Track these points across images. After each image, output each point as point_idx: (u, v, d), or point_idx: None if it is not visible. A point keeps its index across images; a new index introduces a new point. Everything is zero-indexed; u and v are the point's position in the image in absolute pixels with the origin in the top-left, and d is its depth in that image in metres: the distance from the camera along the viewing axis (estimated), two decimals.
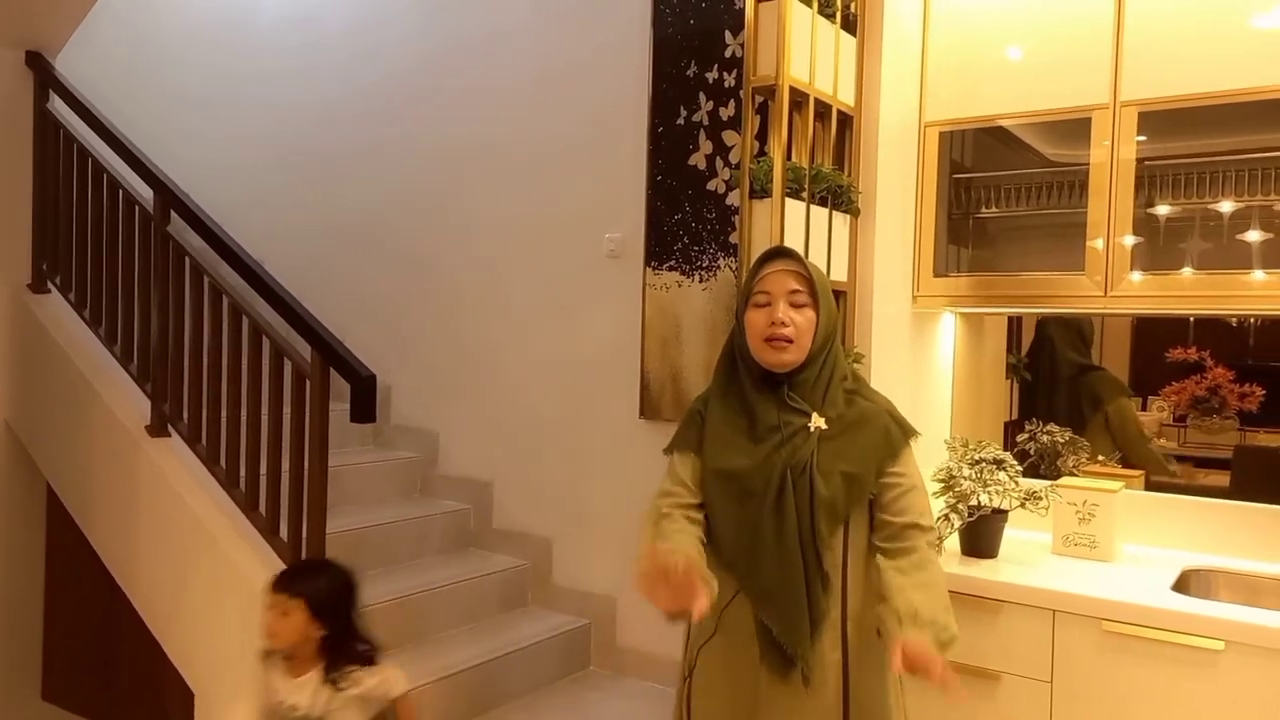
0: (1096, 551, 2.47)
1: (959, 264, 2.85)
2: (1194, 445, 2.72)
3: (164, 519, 2.92)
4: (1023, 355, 3.01)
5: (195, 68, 4.71)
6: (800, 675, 1.70)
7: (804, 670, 1.70)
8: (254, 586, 2.63)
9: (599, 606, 3.39)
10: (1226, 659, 2.00)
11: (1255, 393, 2.64)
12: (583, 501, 3.46)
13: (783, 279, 1.76)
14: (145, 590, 3.01)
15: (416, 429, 3.93)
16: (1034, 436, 2.80)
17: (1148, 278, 2.46)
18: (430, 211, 3.91)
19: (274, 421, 2.71)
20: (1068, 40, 2.55)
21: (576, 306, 3.47)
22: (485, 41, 3.71)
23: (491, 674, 3.02)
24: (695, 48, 3.09)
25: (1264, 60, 2.32)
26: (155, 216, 3.04)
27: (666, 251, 3.15)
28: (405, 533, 3.45)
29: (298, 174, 4.34)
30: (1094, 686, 2.14)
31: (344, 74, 4.17)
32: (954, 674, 1.57)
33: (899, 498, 1.74)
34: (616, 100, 3.32)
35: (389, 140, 4.03)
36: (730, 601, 1.76)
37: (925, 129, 2.75)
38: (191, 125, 4.67)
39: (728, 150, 3.04)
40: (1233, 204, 2.46)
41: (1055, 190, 2.69)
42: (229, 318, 2.84)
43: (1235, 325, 2.70)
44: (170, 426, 3.02)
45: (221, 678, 2.76)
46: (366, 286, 4.11)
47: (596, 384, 3.40)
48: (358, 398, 2.57)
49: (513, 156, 3.64)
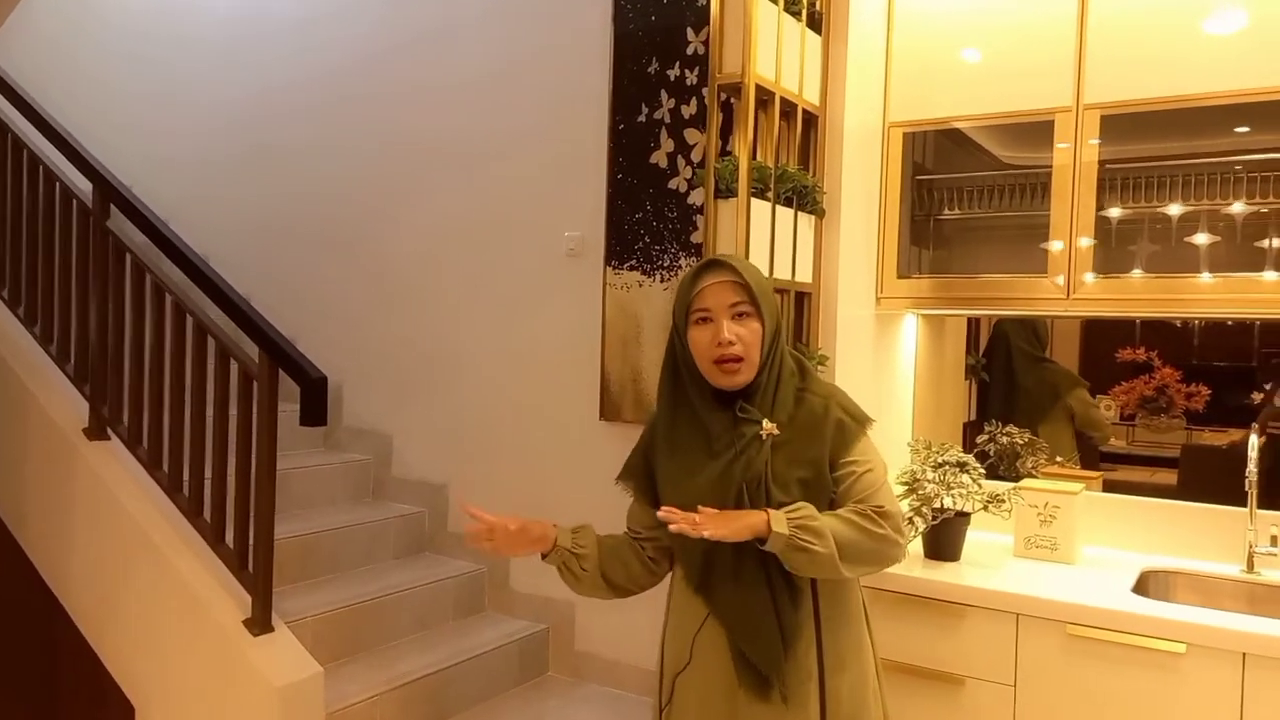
0: (1058, 554, 2.47)
1: (921, 265, 2.85)
2: (1142, 444, 2.76)
3: (102, 526, 2.81)
4: (981, 356, 3.02)
5: (138, 60, 4.57)
6: (779, 694, 1.66)
7: (781, 690, 1.66)
8: (197, 596, 2.54)
9: (558, 611, 3.34)
10: (1188, 661, 2.01)
11: (1201, 392, 2.68)
12: (542, 505, 3.37)
13: (721, 292, 1.69)
14: (82, 600, 2.89)
15: (369, 431, 3.84)
16: (993, 438, 2.81)
17: (1108, 280, 2.47)
18: (384, 208, 3.82)
19: (220, 424, 2.61)
20: (1031, 43, 2.55)
21: (535, 305, 3.40)
22: (441, 34, 3.63)
23: (446, 682, 2.95)
24: (657, 44, 3.04)
25: (1217, 66, 2.34)
26: (94, 210, 2.92)
27: (627, 251, 3.10)
28: (357, 538, 3.37)
29: (246, 169, 4.23)
30: (1058, 690, 2.14)
31: (293, 66, 4.06)
32: (705, 521, 1.56)
33: (855, 482, 1.68)
34: (577, 96, 3.27)
35: (340, 135, 3.93)
36: (701, 627, 1.72)
37: (889, 129, 2.74)
38: (134, 120, 4.53)
39: (690, 149, 3.00)
40: (1181, 207, 2.49)
41: (1016, 192, 2.69)
42: (172, 316, 2.73)
43: (1180, 326, 2.74)
44: (109, 429, 2.91)
45: (163, 691, 2.65)
46: (317, 285, 4.01)
47: (556, 384, 3.34)
48: (308, 399, 2.48)
49: (469, 152, 3.56)
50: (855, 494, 1.67)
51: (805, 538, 1.57)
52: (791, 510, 1.60)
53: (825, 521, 1.60)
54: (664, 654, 1.81)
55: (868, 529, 1.63)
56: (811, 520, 1.59)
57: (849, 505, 1.66)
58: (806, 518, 1.59)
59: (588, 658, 3.27)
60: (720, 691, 1.70)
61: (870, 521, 1.63)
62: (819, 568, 1.61)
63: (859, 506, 1.65)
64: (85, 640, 2.87)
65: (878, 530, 1.63)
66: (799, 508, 1.62)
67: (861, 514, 1.64)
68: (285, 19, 4.09)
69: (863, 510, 1.64)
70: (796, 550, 1.57)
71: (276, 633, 2.51)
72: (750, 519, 1.58)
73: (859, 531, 1.62)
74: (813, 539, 1.57)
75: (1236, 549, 2.44)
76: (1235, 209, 2.42)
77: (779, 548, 1.58)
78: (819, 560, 1.59)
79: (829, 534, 1.59)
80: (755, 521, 1.58)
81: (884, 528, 1.64)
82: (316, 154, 4.00)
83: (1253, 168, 2.40)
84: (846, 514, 1.64)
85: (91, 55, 4.70)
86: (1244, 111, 2.36)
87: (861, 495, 1.67)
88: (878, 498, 1.67)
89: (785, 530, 1.57)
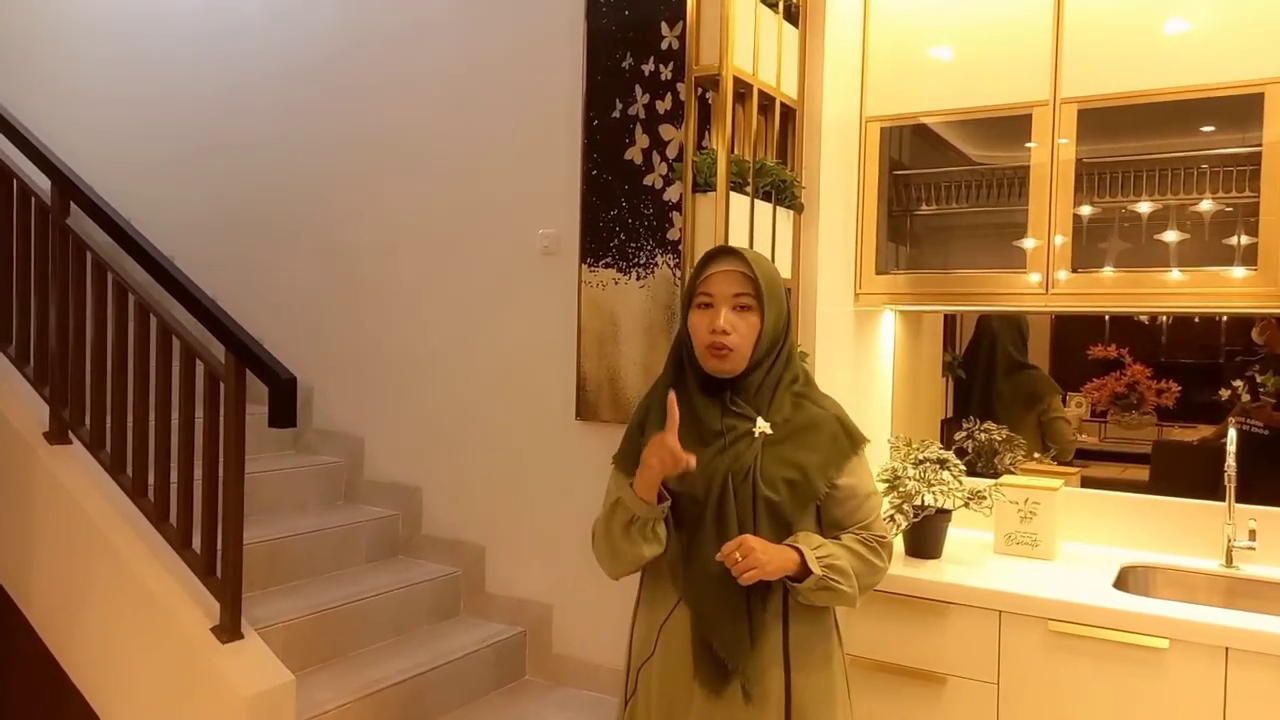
0: (1038, 550, 2.46)
1: (899, 261, 2.84)
2: (1114, 440, 2.77)
3: (63, 532, 2.73)
4: (959, 353, 3.01)
5: (100, 60, 4.47)
6: (740, 690, 1.64)
7: (744, 685, 1.63)
8: (163, 603, 2.47)
9: (534, 614, 3.29)
10: (1171, 657, 2.01)
11: (1171, 389, 2.70)
12: (517, 506, 3.36)
13: (727, 280, 1.68)
14: (43, 608, 2.81)
15: (340, 433, 3.78)
16: (971, 434, 2.80)
17: (1083, 276, 2.47)
18: (355, 205, 3.75)
19: (186, 427, 2.55)
20: (1008, 37, 2.54)
21: (510, 304, 3.36)
22: (412, 29, 3.57)
23: (421, 688, 2.90)
24: (631, 40, 3.01)
25: (1186, 61, 2.35)
26: (53, 208, 2.84)
27: (603, 248, 3.06)
28: (328, 542, 3.31)
29: (211, 168, 4.15)
30: (1040, 687, 2.13)
31: (260, 62, 3.99)
32: (749, 555, 1.56)
33: (857, 507, 1.71)
34: (550, 92, 3.23)
35: (309, 132, 3.86)
36: (668, 617, 1.70)
37: (866, 124, 2.72)
38: (97, 119, 4.44)
39: (665, 144, 2.97)
40: (1151, 205, 2.50)
41: (992, 189, 2.69)
42: (135, 316, 2.66)
43: (1149, 324, 2.75)
44: (70, 433, 2.83)
45: (128, 700, 2.58)
46: (286, 284, 3.93)
47: (531, 384, 3.30)
48: (277, 401, 2.42)
49: (441, 149, 3.51)
50: (857, 519, 1.71)
51: (835, 578, 1.62)
52: (816, 548, 1.63)
53: (843, 556, 1.64)
54: (631, 645, 1.80)
55: (873, 562, 1.69)
56: (836, 559, 1.63)
57: (852, 533, 1.70)
58: (831, 556, 1.63)
59: (565, 661, 3.23)
60: (681, 683, 1.68)
61: (875, 555, 1.70)
62: (835, 601, 1.66)
63: (864, 536, 1.70)
64: (47, 649, 2.79)
65: (880, 564, 1.71)
66: (821, 545, 1.64)
67: (869, 546, 1.69)
68: (252, 13, 4.01)
69: (869, 543, 1.70)
70: (825, 590, 1.62)
71: (246, 640, 2.44)
72: (787, 557, 1.61)
73: (866, 565, 1.68)
74: (839, 579, 1.62)
75: (1214, 543, 2.45)
76: (1204, 206, 2.43)
77: (811, 586, 1.61)
78: (843, 598, 1.65)
79: (851, 572, 1.64)
80: (790, 560, 1.61)
81: (884, 560, 1.72)
82: (285, 151, 3.93)
83: (1216, 163, 2.42)
84: (855, 546, 1.68)
85: (53, 53, 4.59)
86: (1211, 108, 2.38)
87: (864, 521, 1.71)
88: (878, 526, 1.74)
89: (819, 571, 1.60)
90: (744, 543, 1.57)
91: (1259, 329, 2.62)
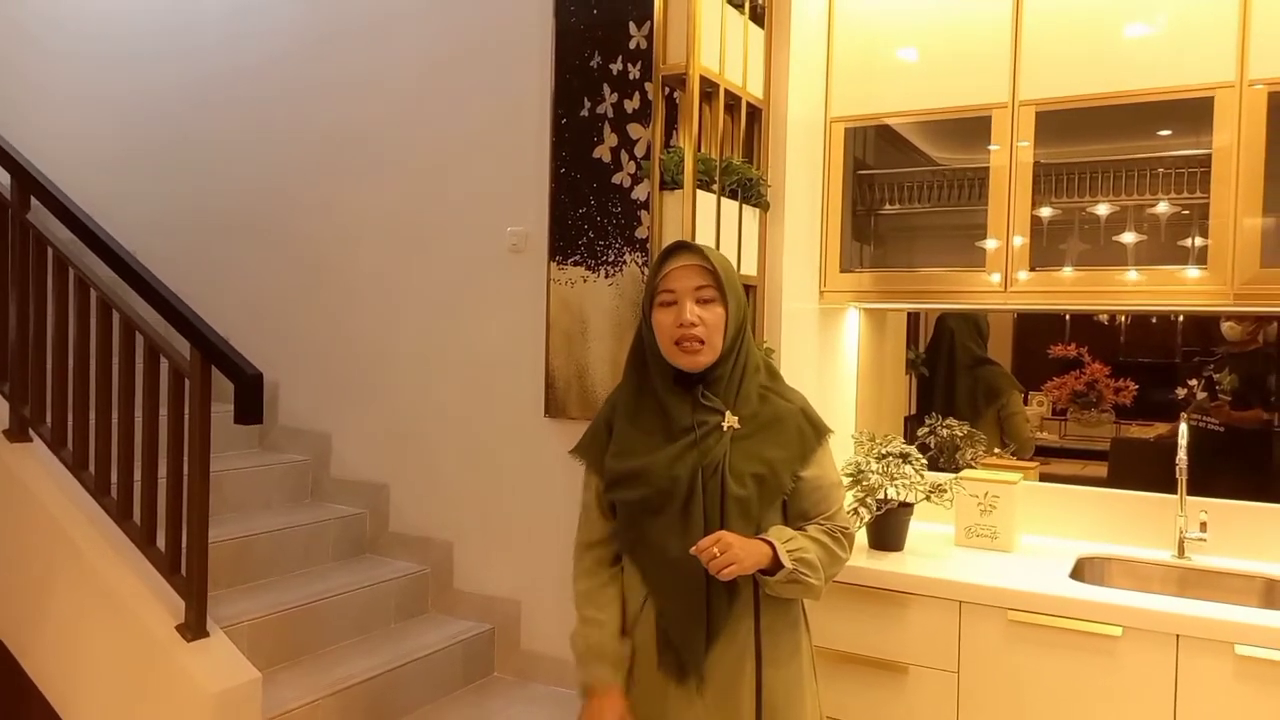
0: (998, 542, 2.52)
1: (863, 260, 2.88)
2: (1074, 438, 2.83)
3: (23, 530, 2.69)
4: (922, 351, 3.06)
5: (60, 54, 4.40)
6: (694, 682, 1.66)
7: (697, 678, 1.66)
8: (126, 601, 2.45)
9: (503, 610, 3.29)
10: (1124, 644, 2.06)
11: (1129, 387, 2.76)
12: (485, 503, 3.36)
13: (687, 275, 1.70)
14: (2, 607, 2.77)
15: (306, 430, 3.75)
16: (934, 430, 2.84)
17: (1042, 274, 2.53)
18: (320, 202, 3.73)
19: (150, 424, 2.52)
20: (970, 40, 2.59)
21: (478, 301, 3.36)
22: (378, 25, 3.56)
23: (388, 685, 2.89)
24: (599, 38, 3.02)
25: (1141, 65, 2.41)
26: (13, 203, 2.80)
27: (571, 246, 3.07)
28: (295, 540, 3.29)
29: (174, 164, 4.11)
30: (1000, 675, 2.18)
31: (223, 56, 3.95)
32: (726, 551, 1.58)
33: (821, 498, 1.73)
34: (518, 90, 3.23)
35: (273, 127, 3.83)
36: (642, 607, 1.72)
37: (831, 124, 2.76)
38: (57, 114, 4.37)
39: (633, 143, 2.98)
40: (1108, 207, 2.56)
41: (954, 189, 2.74)
42: (97, 312, 2.63)
43: (1108, 324, 2.82)
44: (31, 430, 2.79)
45: (91, 699, 2.55)
46: (251, 281, 3.90)
47: (499, 382, 3.30)
48: (243, 398, 2.41)
49: (408, 146, 3.50)
50: (821, 509, 1.73)
51: (804, 571, 1.64)
52: (786, 542, 1.64)
53: (811, 549, 1.66)
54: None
55: (837, 553, 1.71)
56: (805, 553, 1.65)
57: (817, 524, 1.72)
58: (800, 549, 1.65)
59: (534, 657, 3.24)
60: (650, 677, 1.71)
61: (839, 546, 1.72)
62: (803, 594, 1.68)
63: (829, 527, 1.72)
64: (7, 649, 2.75)
65: (843, 555, 1.73)
66: (791, 538, 1.66)
67: (833, 537, 1.71)
68: (214, 8, 3.97)
69: (834, 534, 1.72)
70: (793, 583, 1.63)
71: (211, 638, 2.43)
72: (760, 551, 1.62)
73: (831, 556, 1.70)
74: (808, 571, 1.64)
75: (1167, 535, 2.51)
76: (1160, 208, 2.50)
77: (781, 579, 1.63)
78: (811, 591, 1.67)
79: (818, 564, 1.66)
80: (764, 554, 1.62)
81: (847, 551, 1.74)
82: (249, 147, 3.90)
83: (1171, 165, 2.48)
84: (820, 537, 1.70)
85: (12, 49, 4.51)
86: (1166, 111, 2.44)
87: (827, 512, 1.73)
88: (841, 517, 1.75)
89: (789, 564, 1.62)
90: (721, 538, 1.58)
91: (1232, 323, 2.64)
